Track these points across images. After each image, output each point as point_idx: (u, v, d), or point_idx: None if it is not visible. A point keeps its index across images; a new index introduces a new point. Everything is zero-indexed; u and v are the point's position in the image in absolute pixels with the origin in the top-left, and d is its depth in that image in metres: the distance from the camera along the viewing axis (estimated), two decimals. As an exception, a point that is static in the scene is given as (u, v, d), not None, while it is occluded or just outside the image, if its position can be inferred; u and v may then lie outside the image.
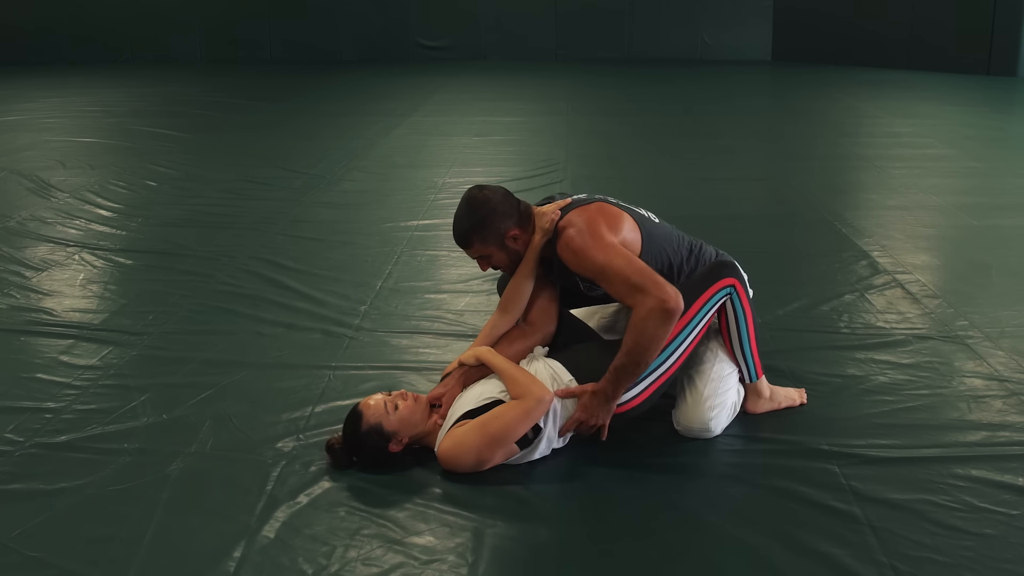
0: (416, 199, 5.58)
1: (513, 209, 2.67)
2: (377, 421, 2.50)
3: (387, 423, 2.51)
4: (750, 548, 2.20)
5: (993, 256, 4.36)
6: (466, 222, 2.67)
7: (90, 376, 3.17)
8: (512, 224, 2.66)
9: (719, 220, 5.04)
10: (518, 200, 2.72)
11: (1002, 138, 7.64)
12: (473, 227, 2.66)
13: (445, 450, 2.48)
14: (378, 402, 2.54)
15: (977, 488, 2.43)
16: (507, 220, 2.65)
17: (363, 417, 2.52)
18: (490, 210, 2.64)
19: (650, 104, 9.59)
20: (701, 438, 2.68)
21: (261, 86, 11.33)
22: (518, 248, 2.70)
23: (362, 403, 2.57)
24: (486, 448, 2.45)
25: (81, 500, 2.43)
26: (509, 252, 2.70)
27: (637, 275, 2.48)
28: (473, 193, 2.69)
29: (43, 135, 7.88)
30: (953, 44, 11.48)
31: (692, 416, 2.66)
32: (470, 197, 2.68)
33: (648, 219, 2.84)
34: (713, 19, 13.63)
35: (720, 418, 2.68)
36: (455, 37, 14.07)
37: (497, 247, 2.69)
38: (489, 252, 2.70)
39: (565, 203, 2.72)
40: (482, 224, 2.65)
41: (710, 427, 2.66)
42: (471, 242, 2.69)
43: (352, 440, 2.53)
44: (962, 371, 3.13)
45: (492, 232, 2.65)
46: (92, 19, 14.10)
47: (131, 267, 4.38)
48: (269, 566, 2.15)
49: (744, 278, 2.71)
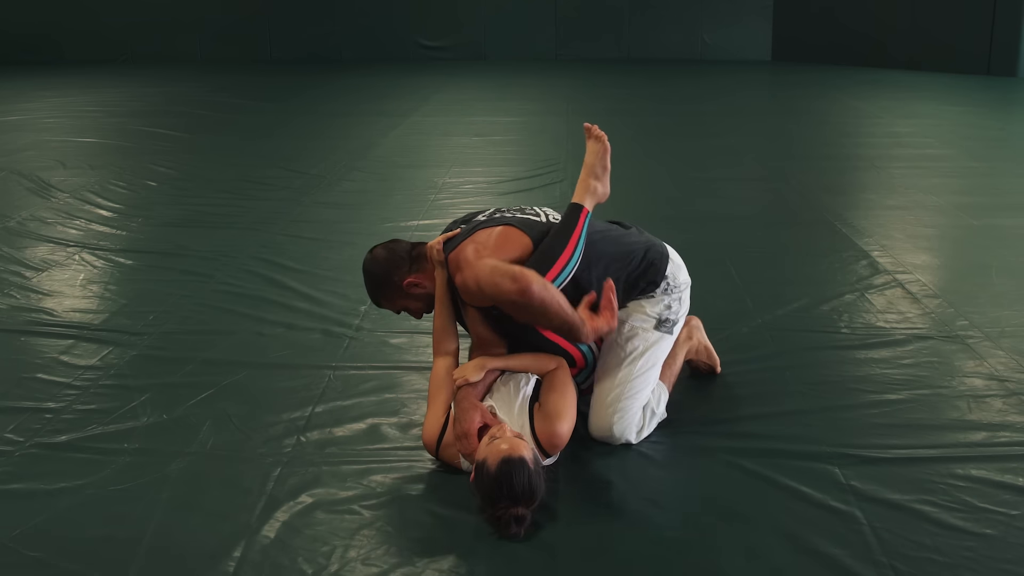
0: (416, 199, 5.58)
1: (404, 260, 2.74)
2: (530, 459, 2.27)
3: (524, 450, 2.29)
4: (750, 548, 2.20)
5: (993, 256, 4.36)
6: (369, 287, 2.81)
7: (90, 376, 3.17)
8: (406, 273, 2.73)
9: (719, 220, 5.05)
10: (412, 245, 2.79)
11: (1002, 138, 7.64)
12: (375, 289, 2.79)
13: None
14: (513, 444, 2.30)
15: (977, 488, 2.43)
16: (400, 271, 2.73)
17: (525, 463, 2.25)
18: (382, 268, 2.75)
19: (650, 104, 9.59)
20: (612, 443, 2.65)
21: (261, 86, 11.33)
22: (425, 291, 2.76)
23: (507, 457, 2.25)
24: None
25: (81, 500, 2.43)
26: (417, 298, 2.78)
27: (490, 287, 2.45)
28: (366, 258, 2.80)
29: (43, 135, 7.88)
30: (953, 44, 11.48)
31: (593, 422, 2.66)
32: (364, 263, 2.79)
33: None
34: (713, 19, 13.64)
35: (624, 424, 2.63)
36: (455, 37, 14.07)
37: (403, 298, 2.78)
38: (400, 305, 2.80)
39: (453, 234, 2.71)
40: (380, 284, 2.77)
41: (614, 432, 2.63)
42: (380, 303, 2.83)
43: (533, 493, 2.25)
44: (962, 371, 3.13)
45: (392, 288, 2.76)
46: (92, 19, 14.11)
47: (131, 267, 4.38)
48: (269, 566, 2.15)
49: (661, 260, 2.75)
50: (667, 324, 2.74)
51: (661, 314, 2.73)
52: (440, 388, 2.64)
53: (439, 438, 2.53)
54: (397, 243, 2.81)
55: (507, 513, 2.21)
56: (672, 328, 2.76)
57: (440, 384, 2.64)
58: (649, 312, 2.73)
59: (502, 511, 2.21)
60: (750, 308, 3.72)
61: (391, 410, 2.91)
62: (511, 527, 2.21)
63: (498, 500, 2.22)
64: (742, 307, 3.73)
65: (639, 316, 2.73)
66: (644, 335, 2.71)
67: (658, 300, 2.74)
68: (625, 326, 2.72)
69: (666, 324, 2.74)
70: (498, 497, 2.22)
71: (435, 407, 2.60)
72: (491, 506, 2.24)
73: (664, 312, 2.74)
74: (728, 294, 3.89)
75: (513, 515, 2.21)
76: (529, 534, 2.25)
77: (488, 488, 2.24)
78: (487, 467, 2.25)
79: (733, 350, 3.30)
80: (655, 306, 2.73)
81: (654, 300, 2.74)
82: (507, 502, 2.21)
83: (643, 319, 2.72)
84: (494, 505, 2.23)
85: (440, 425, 2.54)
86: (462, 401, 2.52)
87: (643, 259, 2.74)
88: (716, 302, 3.75)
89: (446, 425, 2.53)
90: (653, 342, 2.72)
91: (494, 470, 2.23)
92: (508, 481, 2.21)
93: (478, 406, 2.50)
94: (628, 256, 2.73)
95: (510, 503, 2.21)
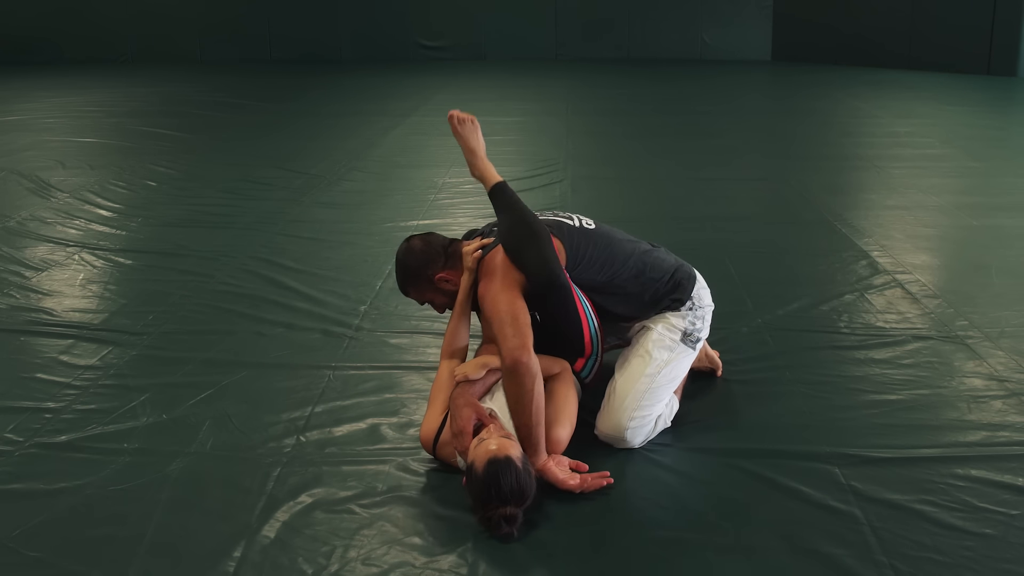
0: (416, 199, 5.58)
1: (439, 254, 2.78)
2: (517, 459, 2.27)
3: (512, 450, 2.29)
4: (750, 548, 2.20)
5: (993, 256, 4.36)
6: (399, 275, 2.84)
7: (90, 376, 3.17)
8: (439, 268, 2.77)
9: (719, 220, 5.05)
10: (450, 240, 2.83)
11: (1002, 138, 7.64)
12: (405, 279, 2.82)
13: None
14: (501, 444, 2.30)
15: (977, 488, 2.43)
16: (434, 266, 2.77)
17: (512, 463, 2.25)
18: (417, 261, 2.78)
19: (650, 104, 9.59)
20: (616, 445, 2.65)
21: (261, 86, 11.33)
22: (452, 288, 2.80)
23: (493, 457, 2.25)
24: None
25: (81, 500, 2.43)
26: (444, 293, 2.82)
27: (501, 326, 2.50)
28: (401, 247, 2.83)
29: (43, 135, 7.88)
30: (953, 44, 11.48)
31: (606, 422, 2.65)
32: (399, 252, 2.82)
33: (584, 239, 2.75)
34: (713, 19, 13.64)
35: (636, 431, 2.64)
36: (455, 37, 14.07)
37: (432, 291, 2.82)
38: (427, 297, 2.85)
39: (489, 241, 2.74)
40: (411, 275, 2.80)
41: (625, 437, 2.63)
42: (408, 292, 2.86)
43: (522, 493, 2.25)
44: (962, 371, 3.13)
45: (423, 280, 2.79)
46: (92, 19, 14.11)
47: (131, 267, 4.38)
48: (269, 566, 2.15)
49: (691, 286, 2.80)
50: (692, 339, 2.77)
51: (687, 328, 2.76)
52: (441, 389, 2.65)
53: (436, 436, 2.53)
54: (433, 236, 2.84)
55: (497, 513, 2.21)
56: (696, 345, 2.79)
57: (442, 386, 2.66)
58: (676, 324, 2.76)
59: (492, 511, 2.22)
60: (750, 308, 3.72)
61: (391, 410, 2.91)
62: (502, 527, 2.21)
63: (488, 501, 2.22)
64: (742, 307, 3.73)
65: (666, 326, 2.75)
66: (672, 346, 2.73)
67: (683, 315, 2.77)
68: (652, 333, 2.74)
69: (691, 338, 2.77)
70: (487, 498, 2.22)
71: (434, 406, 2.61)
72: (482, 507, 2.24)
73: (689, 327, 2.77)
74: (728, 294, 3.88)
75: (503, 515, 2.21)
76: (527, 534, 2.25)
77: (477, 489, 2.25)
78: (475, 469, 2.26)
79: (733, 350, 3.30)
80: (682, 320, 2.76)
81: (679, 315, 2.77)
82: (497, 503, 2.21)
83: (671, 329, 2.75)
84: (485, 506, 2.23)
85: (438, 424, 2.55)
86: (458, 398, 2.52)
87: (671, 277, 2.79)
88: (716, 302, 3.74)
89: (444, 424, 2.54)
90: (679, 354, 2.74)
91: (482, 471, 2.24)
92: (496, 482, 2.21)
93: (473, 404, 2.50)
94: (659, 269, 2.79)
95: (500, 503, 2.21)
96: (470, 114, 2.85)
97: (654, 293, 2.76)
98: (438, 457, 2.54)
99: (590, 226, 2.81)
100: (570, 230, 2.75)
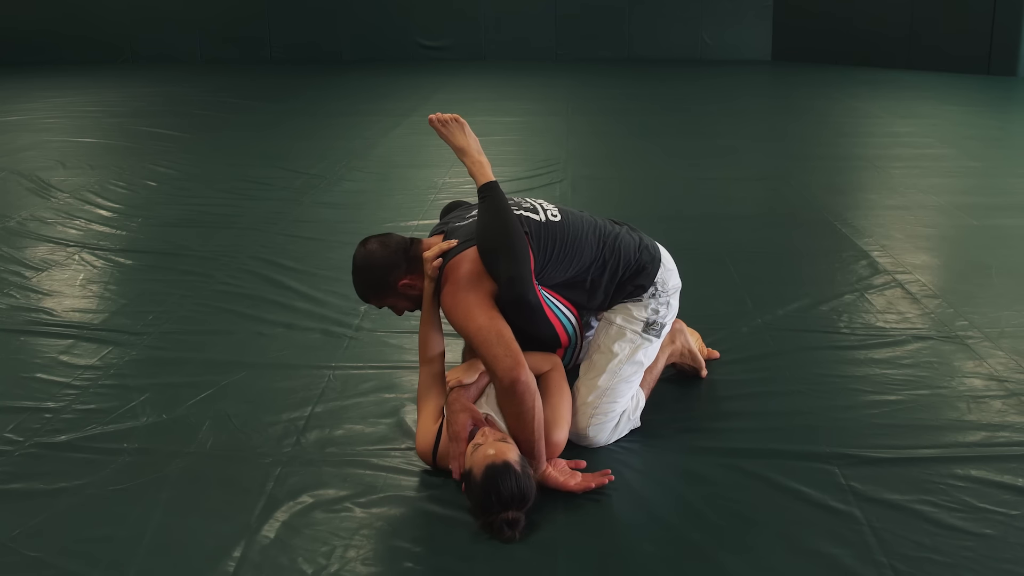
0: (416, 199, 5.58)
1: (401, 259, 2.65)
2: (515, 462, 2.27)
3: (509, 454, 2.28)
4: (750, 548, 2.20)
5: (993, 256, 4.36)
6: (359, 282, 2.71)
7: (90, 376, 3.17)
8: (402, 274, 2.66)
9: (719, 220, 5.05)
10: (409, 241, 2.70)
11: (1002, 138, 7.64)
12: (367, 287, 2.70)
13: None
14: (498, 449, 2.29)
15: (977, 488, 2.43)
16: (396, 271, 2.65)
17: (511, 467, 2.24)
18: (376, 267, 2.66)
19: (650, 104, 9.59)
20: (581, 444, 2.64)
21: (261, 86, 11.33)
22: (415, 293, 2.70)
23: (491, 463, 2.24)
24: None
25: (81, 500, 2.43)
26: (408, 298, 2.72)
27: (488, 346, 2.40)
28: (359, 252, 2.69)
29: (43, 135, 7.87)
30: (953, 44, 11.48)
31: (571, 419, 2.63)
32: (357, 256, 2.69)
33: (549, 236, 2.66)
34: (713, 19, 13.62)
35: (599, 428, 2.63)
36: (455, 37, 14.06)
37: (394, 297, 2.71)
38: (388, 303, 2.74)
39: (451, 245, 2.63)
40: (373, 282, 2.68)
41: (589, 434, 2.62)
42: (367, 299, 2.75)
43: (523, 496, 2.25)
44: (962, 371, 3.13)
45: (383, 287, 2.68)
46: (92, 19, 14.09)
47: (131, 267, 4.38)
48: (269, 566, 2.15)
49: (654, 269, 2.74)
50: (655, 328, 2.74)
51: (649, 317, 2.72)
52: (427, 396, 2.61)
53: (434, 446, 2.50)
54: (391, 237, 2.71)
55: (499, 518, 2.21)
56: (660, 332, 2.75)
57: (427, 392, 2.62)
58: (636, 315, 2.72)
59: (494, 516, 2.21)
60: (750, 308, 3.72)
61: (391, 410, 2.91)
62: (504, 531, 2.21)
63: (488, 506, 2.22)
64: (742, 307, 3.73)
65: (626, 317, 2.72)
66: (631, 337, 2.70)
67: (645, 304, 2.73)
68: (612, 327, 2.72)
69: (654, 327, 2.73)
70: (488, 504, 2.22)
71: (424, 416, 2.57)
72: (483, 513, 2.24)
73: (652, 316, 2.73)
74: (728, 294, 3.89)
75: (505, 519, 2.21)
76: (528, 534, 2.25)
77: (477, 496, 2.24)
78: (474, 475, 2.25)
79: (733, 350, 3.30)
80: (642, 310, 2.72)
81: (641, 304, 2.73)
82: (498, 508, 2.21)
83: (630, 321, 2.72)
84: (486, 512, 2.23)
85: (433, 434, 2.51)
86: (453, 404, 2.49)
87: (636, 261, 2.72)
88: (716, 302, 3.76)
89: (440, 433, 2.51)
90: (639, 346, 2.71)
91: (480, 478, 2.23)
92: (495, 488, 2.21)
93: (469, 408, 2.48)
94: (623, 256, 2.71)
95: (501, 508, 2.21)
96: (452, 114, 2.74)
97: (619, 281, 2.70)
98: (439, 467, 2.52)
99: (555, 218, 2.70)
100: (537, 228, 2.63)
